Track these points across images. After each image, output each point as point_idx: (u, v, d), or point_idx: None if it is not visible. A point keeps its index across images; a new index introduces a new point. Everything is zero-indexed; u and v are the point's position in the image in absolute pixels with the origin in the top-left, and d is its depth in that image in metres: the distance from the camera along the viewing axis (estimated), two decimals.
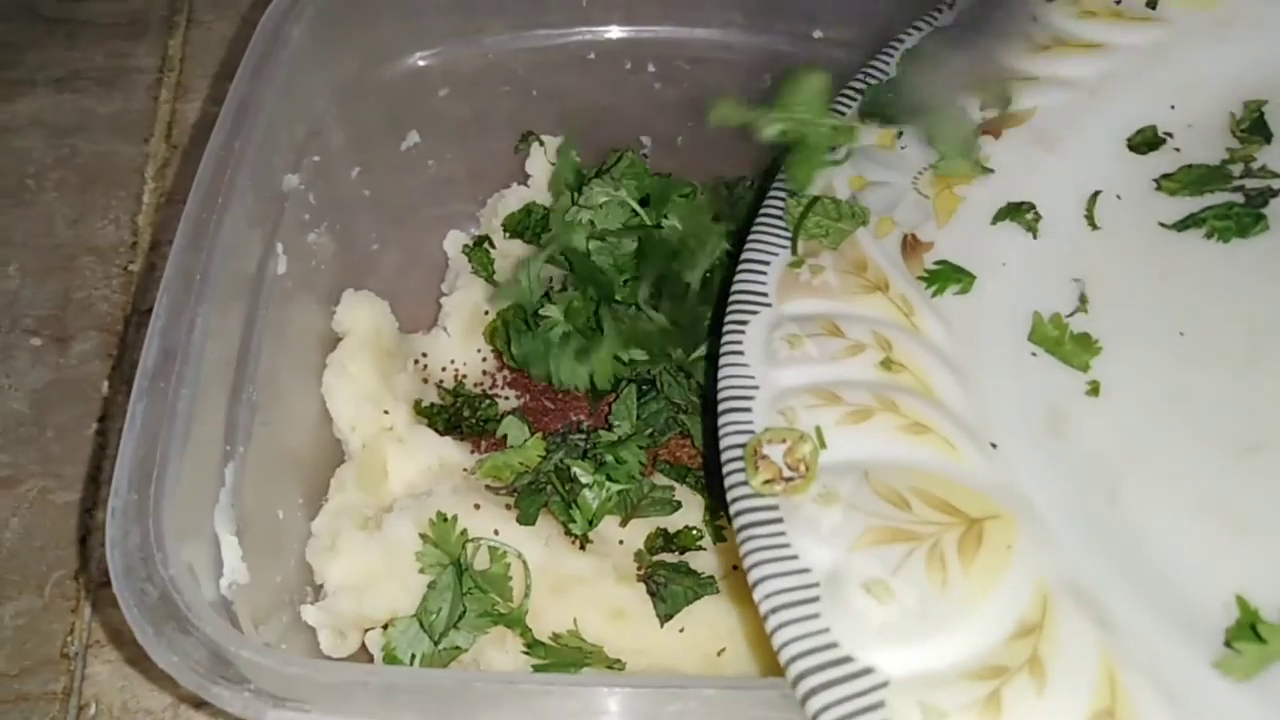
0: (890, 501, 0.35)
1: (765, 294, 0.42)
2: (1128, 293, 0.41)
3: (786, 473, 0.36)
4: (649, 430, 0.52)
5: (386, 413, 0.51)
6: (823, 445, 0.37)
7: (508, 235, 0.58)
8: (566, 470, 0.49)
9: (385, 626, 0.47)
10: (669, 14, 0.57)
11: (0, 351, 0.60)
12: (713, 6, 0.56)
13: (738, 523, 0.36)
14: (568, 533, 0.50)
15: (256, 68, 0.48)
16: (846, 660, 0.32)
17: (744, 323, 0.41)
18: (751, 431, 0.37)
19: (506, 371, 0.56)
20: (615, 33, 0.57)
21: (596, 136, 0.58)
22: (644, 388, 0.53)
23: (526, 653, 0.46)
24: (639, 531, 0.50)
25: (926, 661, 0.32)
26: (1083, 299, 0.41)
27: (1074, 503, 0.36)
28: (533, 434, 0.51)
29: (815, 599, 0.33)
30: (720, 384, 0.40)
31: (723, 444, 0.38)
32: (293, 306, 0.49)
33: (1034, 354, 0.40)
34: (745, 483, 0.36)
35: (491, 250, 0.58)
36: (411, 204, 0.58)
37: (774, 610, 0.33)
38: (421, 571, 0.46)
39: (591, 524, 0.49)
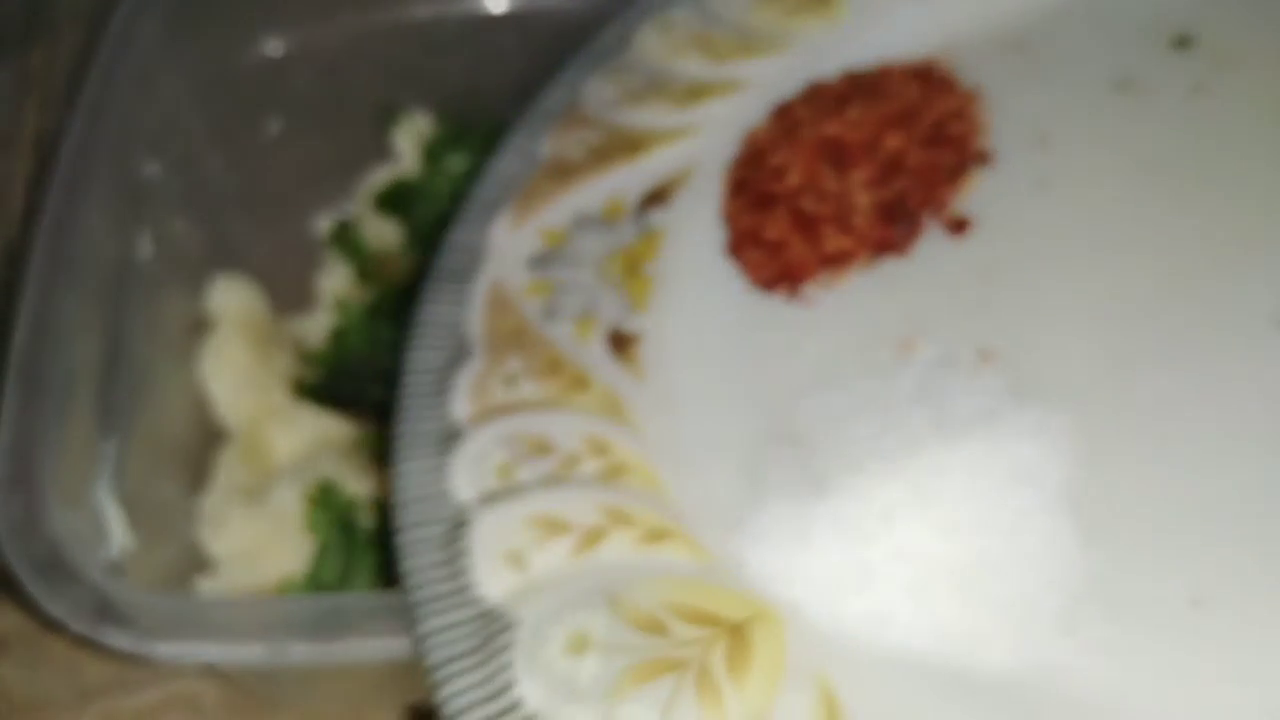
0: (645, 629, 0.34)
1: (457, 418, 0.40)
2: None
3: None
4: None
5: (266, 393, 0.57)
6: None
7: (380, 214, 0.64)
8: None
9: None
10: None
11: None
12: None
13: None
14: None
15: (108, 63, 0.54)
16: None
17: (435, 463, 0.39)
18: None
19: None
20: (477, 6, 0.63)
21: (464, 112, 0.65)
22: None
23: None
24: None
25: None
26: None
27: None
28: None
29: None
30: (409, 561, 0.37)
31: (434, 656, 0.34)
32: (162, 292, 0.54)
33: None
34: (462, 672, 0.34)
35: (361, 232, 0.64)
36: (279, 189, 0.63)
37: None
38: (311, 534, 0.52)
39: None
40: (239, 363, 0.57)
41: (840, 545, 0.35)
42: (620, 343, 0.42)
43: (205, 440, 0.56)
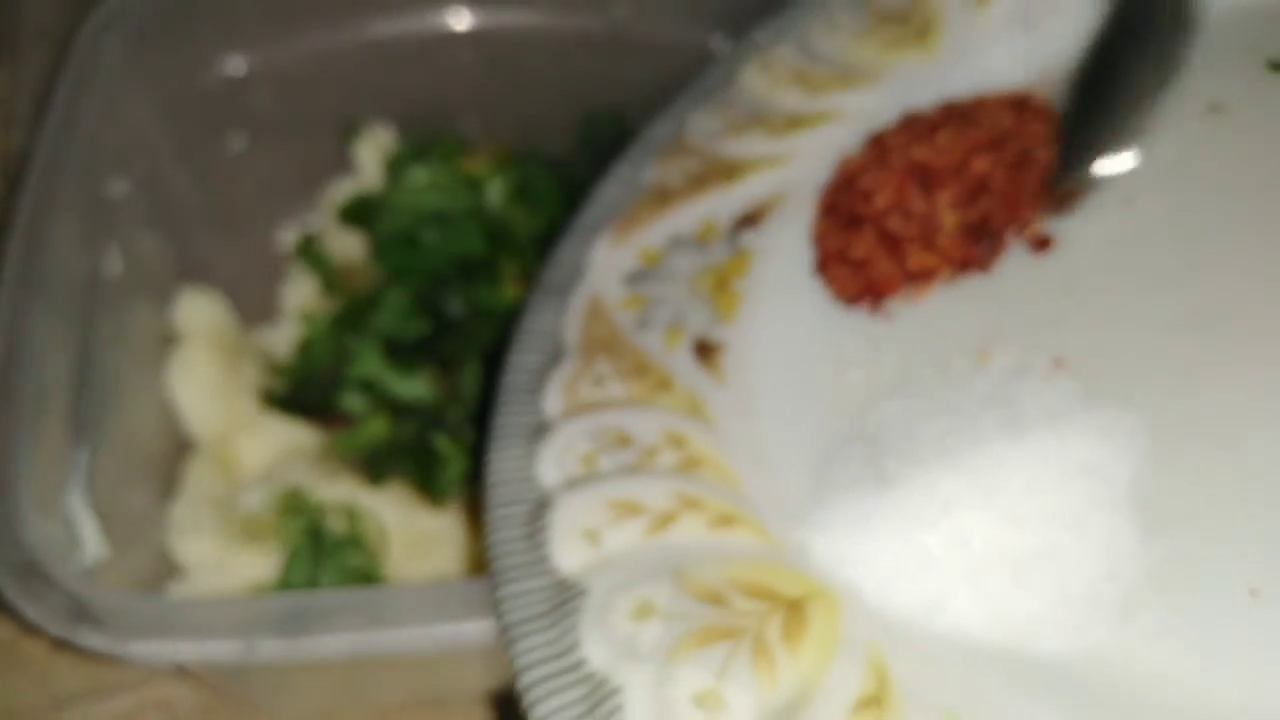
0: (707, 600, 0.36)
1: (548, 413, 0.43)
2: None
3: None
4: None
5: (234, 403, 0.59)
6: None
7: (343, 226, 0.66)
8: (428, 446, 0.57)
9: None
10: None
11: None
12: None
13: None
14: (422, 495, 0.57)
15: (75, 81, 0.56)
16: None
17: (526, 451, 0.42)
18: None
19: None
20: (439, 23, 0.65)
21: (425, 126, 0.67)
22: (492, 362, 0.61)
23: None
24: None
25: None
26: None
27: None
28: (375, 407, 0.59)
29: None
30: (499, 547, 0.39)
31: (508, 618, 0.38)
32: (131, 306, 0.56)
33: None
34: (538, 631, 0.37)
35: (325, 245, 0.65)
36: (244, 204, 0.65)
37: None
38: (280, 541, 0.54)
39: (448, 492, 0.57)
40: (207, 374, 0.58)
41: (900, 532, 0.37)
42: (705, 351, 0.44)
43: (175, 450, 0.58)
